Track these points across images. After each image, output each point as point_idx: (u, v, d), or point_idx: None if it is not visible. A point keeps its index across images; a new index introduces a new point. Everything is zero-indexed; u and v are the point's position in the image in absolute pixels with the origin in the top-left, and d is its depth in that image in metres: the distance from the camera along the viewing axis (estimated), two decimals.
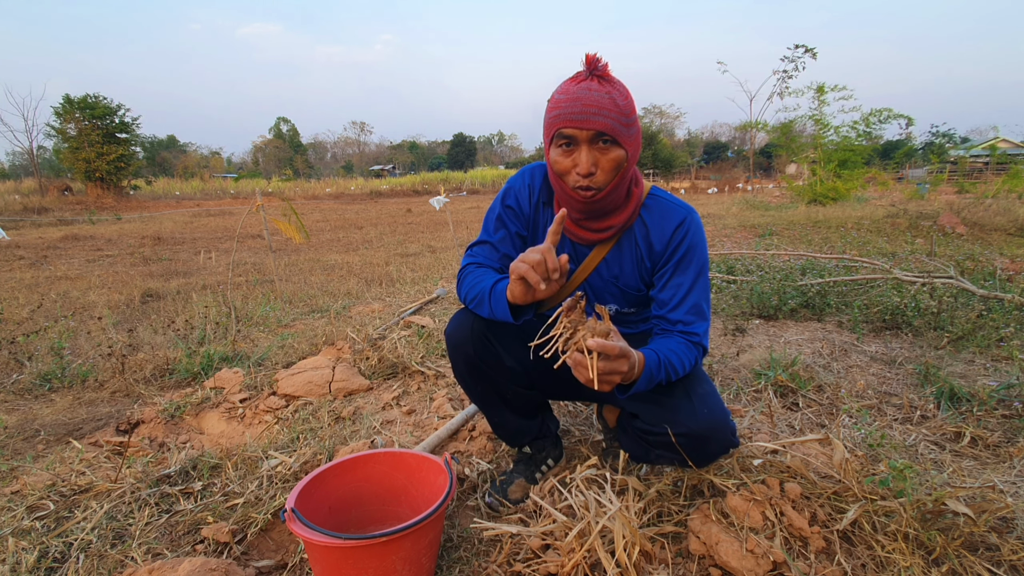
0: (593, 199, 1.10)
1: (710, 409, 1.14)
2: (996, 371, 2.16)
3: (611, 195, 1.11)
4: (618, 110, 1.04)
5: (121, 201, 22.14)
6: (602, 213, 1.17)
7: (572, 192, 1.10)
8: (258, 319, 3.48)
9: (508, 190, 1.30)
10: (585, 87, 1.04)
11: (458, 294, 1.22)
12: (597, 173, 1.07)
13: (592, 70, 1.06)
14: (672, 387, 1.18)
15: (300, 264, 6.32)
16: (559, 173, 1.11)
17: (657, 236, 1.20)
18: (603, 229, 1.19)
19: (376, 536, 0.95)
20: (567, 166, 1.08)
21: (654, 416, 1.20)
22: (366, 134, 76.13)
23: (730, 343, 2.63)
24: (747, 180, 29.15)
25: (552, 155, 1.11)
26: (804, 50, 18.48)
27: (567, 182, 1.10)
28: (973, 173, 23.72)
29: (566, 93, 1.05)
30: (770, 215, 9.89)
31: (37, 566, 1.17)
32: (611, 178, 1.08)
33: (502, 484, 1.42)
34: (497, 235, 1.28)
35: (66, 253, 7.79)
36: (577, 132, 1.04)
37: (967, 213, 7.35)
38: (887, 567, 1.07)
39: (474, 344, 1.22)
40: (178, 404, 2.11)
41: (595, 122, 1.02)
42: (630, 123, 1.07)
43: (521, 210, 1.28)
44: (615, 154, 1.06)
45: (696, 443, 1.15)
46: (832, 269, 3.94)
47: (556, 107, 1.06)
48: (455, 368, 1.29)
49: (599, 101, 1.02)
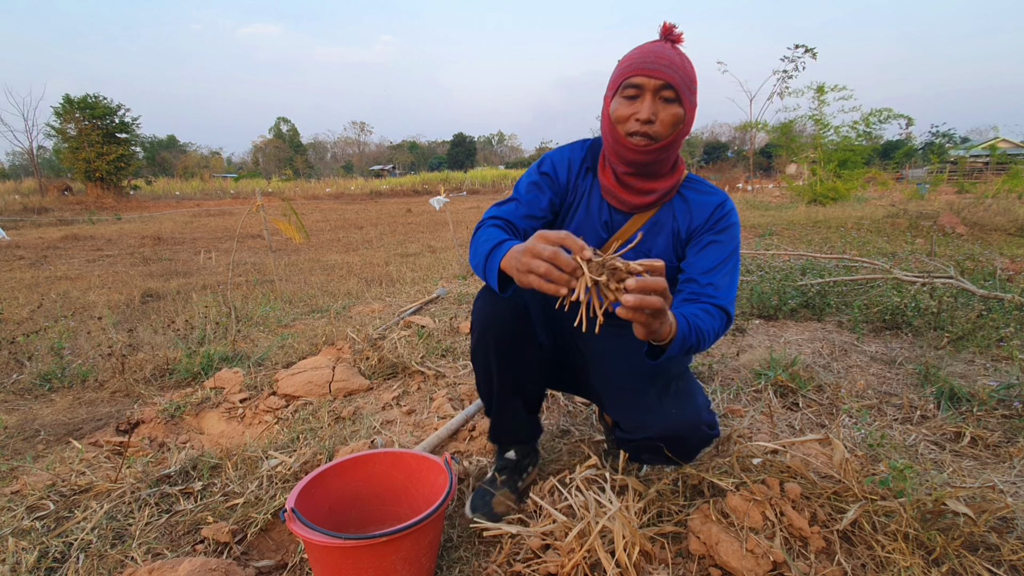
0: (647, 149, 1.09)
1: (680, 407, 1.15)
2: (996, 371, 2.16)
3: (664, 152, 1.12)
4: (686, 72, 1.08)
5: (121, 201, 22.13)
6: (650, 173, 1.16)
7: (626, 140, 1.10)
8: (258, 319, 3.48)
9: (545, 159, 1.28)
10: (660, 45, 1.09)
11: (469, 254, 1.15)
12: (656, 124, 1.08)
13: (667, 36, 1.11)
14: (648, 387, 1.19)
15: (300, 264, 6.32)
16: (617, 120, 1.11)
17: (699, 210, 1.20)
18: (647, 191, 1.18)
19: (376, 536, 0.95)
20: (627, 114, 1.09)
21: (631, 421, 1.21)
22: (366, 134, 76.15)
23: (730, 343, 2.62)
24: (747, 180, 29.14)
25: (613, 106, 1.12)
26: (804, 50, 18.45)
27: (623, 129, 1.10)
28: (973, 173, 23.71)
29: (640, 49, 1.10)
30: (770, 215, 9.89)
31: (37, 566, 1.17)
32: (668, 132, 1.09)
33: (485, 497, 1.33)
34: (528, 195, 1.23)
35: (66, 253, 7.79)
36: (646, 80, 1.06)
37: (967, 213, 7.36)
38: (887, 567, 1.07)
39: (515, 318, 1.17)
40: (178, 404, 2.11)
41: (666, 73, 1.05)
42: (693, 90, 1.11)
43: (557, 178, 1.26)
44: (676, 110, 1.08)
45: (674, 443, 1.16)
46: (832, 269, 3.94)
47: (628, 59, 1.10)
48: (482, 347, 1.21)
49: (671, 57, 1.07)
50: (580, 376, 1.41)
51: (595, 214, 1.25)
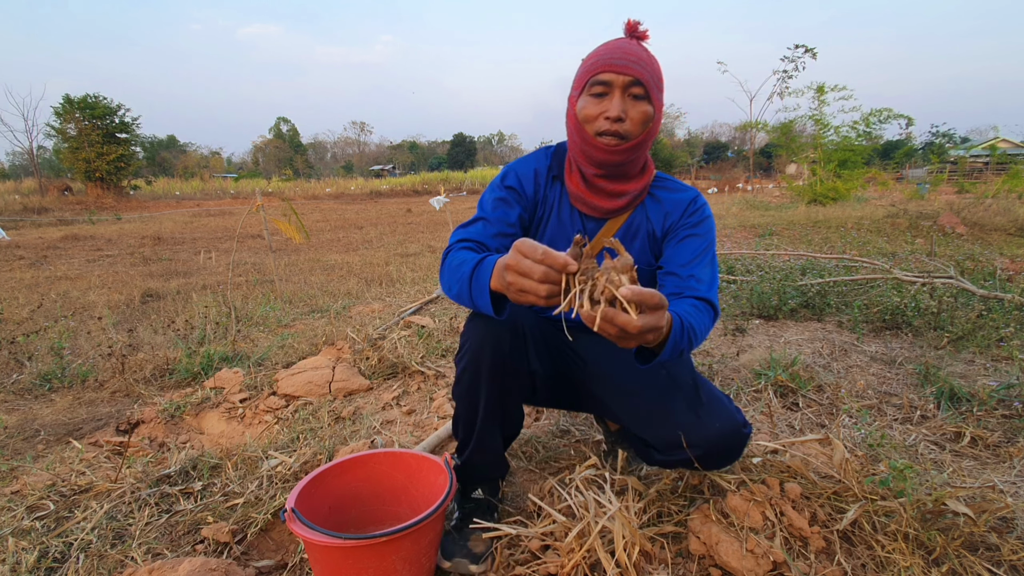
0: (618, 148, 1.06)
1: (718, 417, 1.09)
2: (996, 371, 2.16)
3: (635, 152, 1.09)
4: (654, 69, 1.06)
5: (121, 201, 22.13)
6: (621, 174, 1.13)
7: (596, 140, 1.07)
8: (258, 319, 3.48)
9: (508, 171, 1.22)
10: (626, 42, 1.07)
11: (441, 285, 1.06)
12: (627, 122, 1.05)
13: (632, 33, 1.09)
14: (675, 399, 1.12)
15: (300, 264, 6.31)
16: (584, 120, 1.07)
17: (672, 208, 1.18)
18: (619, 194, 1.15)
19: (376, 536, 0.95)
20: (595, 112, 1.06)
21: (666, 440, 1.12)
22: (366, 134, 76.16)
23: (730, 343, 2.62)
24: (747, 180, 29.15)
25: (580, 104, 1.08)
26: (804, 50, 18.47)
27: (592, 129, 1.07)
28: (973, 173, 23.72)
29: (606, 46, 1.07)
30: (770, 215, 9.89)
31: (37, 566, 1.17)
32: (639, 131, 1.06)
33: (459, 542, 1.19)
34: (496, 212, 1.16)
35: (66, 253, 7.79)
36: (615, 77, 1.03)
37: (967, 213, 7.36)
38: (887, 567, 1.07)
39: (512, 339, 1.09)
40: (178, 404, 2.11)
41: (634, 69, 1.02)
42: (661, 88, 1.08)
43: (524, 191, 1.20)
44: (646, 107, 1.05)
45: (716, 456, 1.11)
46: (832, 269, 3.94)
47: (594, 56, 1.07)
48: (472, 369, 1.11)
49: (639, 54, 1.05)
50: (585, 390, 1.31)
51: (567, 224, 1.20)
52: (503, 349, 1.09)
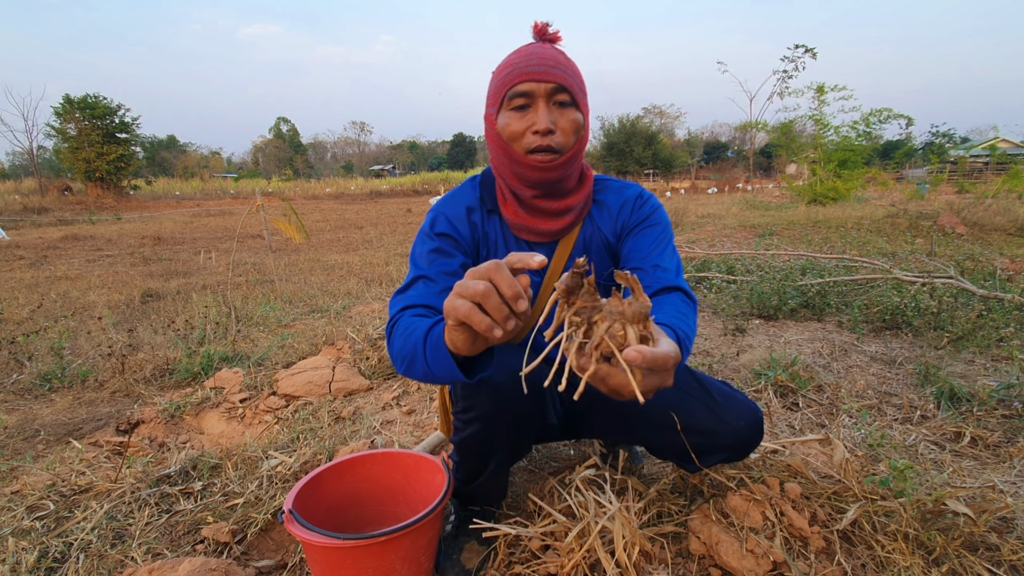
0: (552, 164, 0.96)
1: (739, 414, 1.04)
2: (996, 371, 2.16)
3: (570, 164, 0.99)
4: (576, 72, 0.98)
5: (121, 201, 22.14)
6: (560, 190, 1.03)
7: (527, 159, 0.96)
8: (258, 319, 3.48)
9: (436, 216, 1.07)
10: (538, 46, 0.98)
11: (394, 364, 0.89)
12: (558, 134, 0.95)
13: (543, 36, 1.00)
14: (691, 409, 1.05)
15: (300, 264, 6.31)
16: (510, 138, 0.96)
17: (618, 208, 1.11)
18: (563, 211, 1.05)
19: (375, 536, 0.95)
20: (521, 128, 0.95)
21: (696, 450, 1.07)
22: (366, 134, 76.17)
23: (730, 343, 2.62)
24: (747, 180, 29.16)
25: (502, 122, 0.97)
26: (804, 50, 18.50)
27: (520, 147, 0.96)
28: (973, 173, 23.74)
29: (517, 54, 0.97)
30: (770, 215, 9.89)
31: (37, 566, 1.17)
32: (572, 142, 0.97)
33: (452, 556, 1.15)
34: (434, 267, 1.00)
35: (66, 253, 7.79)
36: (535, 86, 0.93)
37: (967, 213, 7.35)
38: (887, 567, 1.07)
39: (529, 403, 0.96)
40: (178, 404, 2.11)
41: (554, 75, 0.93)
42: (585, 92, 1.00)
43: (460, 235, 1.05)
44: (575, 115, 0.97)
45: (749, 448, 1.07)
46: (832, 269, 3.94)
47: (507, 66, 0.96)
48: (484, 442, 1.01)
49: (556, 57, 0.96)
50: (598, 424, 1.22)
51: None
52: (520, 414, 0.97)
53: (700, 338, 2.75)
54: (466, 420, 0.99)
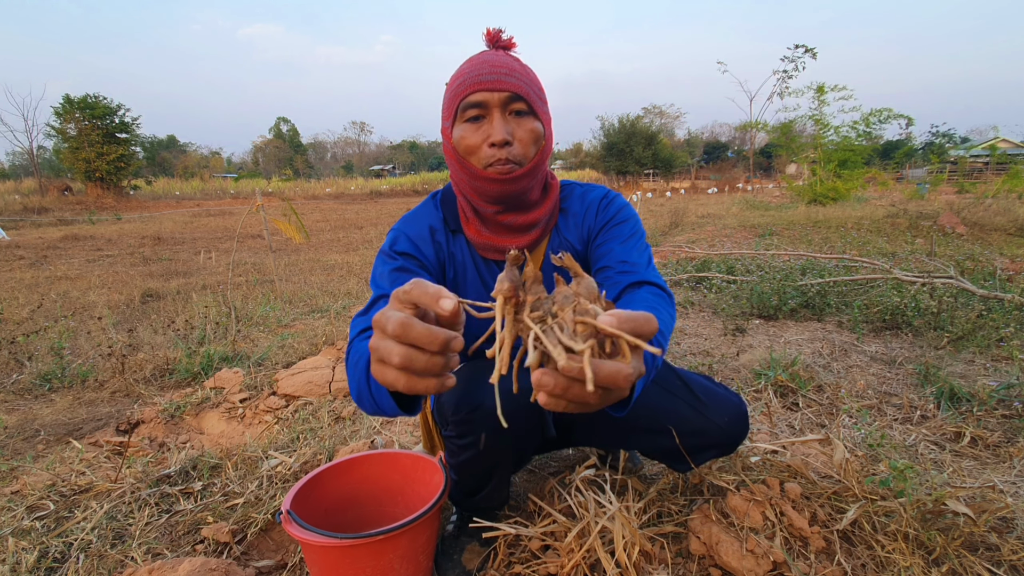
0: (512, 177, 0.91)
1: (723, 411, 1.05)
2: (996, 371, 2.16)
3: (531, 176, 0.94)
4: (532, 79, 0.93)
5: (121, 201, 22.16)
6: (523, 203, 0.98)
7: (485, 173, 0.91)
8: (258, 319, 3.48)
9: (397, 235, 1.02)
10: (491, 54, 0.93)
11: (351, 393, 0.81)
12: (515, 145, 0.90)
13: (496, 44, 0.96)
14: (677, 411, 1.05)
15: (300, 264, 6.31)
16: (466, 152, 0.92)
17: (584, 213, 1.06)
18: (528, 226, 1.00)
19: (373, 534, 0.95)
20: (477, 141, 0.90)
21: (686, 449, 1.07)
22: (366, 134, 76.18)
23: (730, 343, 2.62)
24: (747, 180, 29.17)
25: (457, 135, 0.92)
26: (804, 50, 18.51)
27: (478, 161, 0.91)
28: (973, 173, 23.75)
29: (470, 63, 0.93)
30: (770, 215, 9.89)
31: (37, 566, 1.17)
32: (531, 152, 0.92)
33: (453, 557, 1.15)
34: (396, 285, 0.88)
35: (66, 253, 7.79)
36: (488, 95, 0.88)
37: (967, 213, 7.35)
38: (887, 567, 1.07)
39: (526, 418, 0.95)
40: (178, 404, 2.11)
41: (508, 83, 0.88)
42: (544, 100, 0.96)
43: (423, 254, 1.00)
44: (533, 125, 0.92)
45: (736, 443, 1.08)
46: (832, 269, 3.94)
47: (459, 76, 0.92)
48: (485, 462, 0.98)
49: (511, 64, 0.91)
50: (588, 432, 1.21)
51: (490, 283, 1.03)
52: (519, 436, 0.96)
53: (700, 338, 2.75)
54: (462, 445, 0.96)
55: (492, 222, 0.99)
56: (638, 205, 10.58)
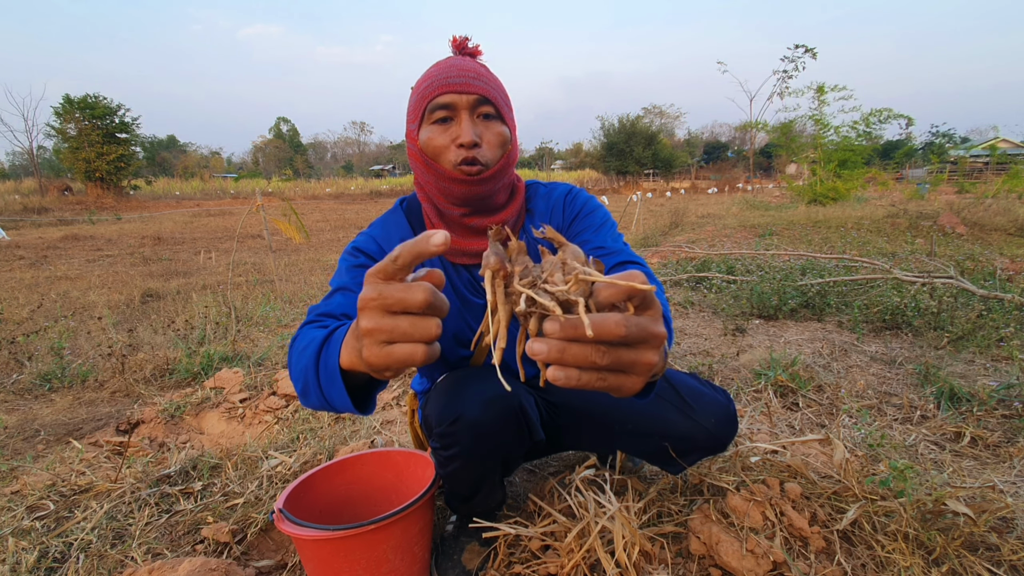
0: (480, 178, 0.91)
1: (710, 413, 1.05)
2: (996, 371, 2.16)
3: (497, 179, 0.94)
4: (498, 85, 0.95)
5: (121, 201, 22.16)
6: (490, 206, 0.99)
7: (453, 173, 0.90)
8: (258, 319, 3.48)
9: (364, 239, 1.01)
10: (458, 59, 0.94)
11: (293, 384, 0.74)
12: (483, 147, 0.91)
13: (462, 51, 0.97)
14: (666, 416, 1.04)
15: (300, 264, 6.31)
16: (434, 154, 0.91)
17: (548, 212, 1.07)
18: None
19: (365, 524, 0.95)
20: (445, 142, 0.90)
21: (676, 452, 1.07)
22: (366, 134, 76.19)
23: (730, 343, 2.62)
24: (747, 180, 29.18)
25: (424, 136, 0.92)
26: (804, 50, 18.52)
27: (445, 162, 0.91)
28: (973, 173, 23.74)
29: (437, 66, 0.94)
30: (770, 215, 9.89)
31: (37, 566, 1.17)
32: (498, 156, 0.93)
33: (452, 556, 1.14)
34: (356, 280, 0.92)
35: (66, 253, 7.79)
36: (456, 98, 0.89)
37: (967, 213, 7.35)
38: (887, 567, 1.07)
39: (515, 424, 0.92)
40: (178, 404, 2.11)
41: (477, 86, 0.90)
42: (511, 107, 0.97)
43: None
44: (500, 129, 0.93)
45: (724, 444, 1.08)
46: (832, 269, 3.94)
47: (427, 79, 0.92)
48: (471, 460, 0.95)
49: (478, 69, 0.93)
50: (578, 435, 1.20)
51: (461, 287, 1.03)
52: (504, 443, 0.92)
53: (700, 338, 2.75)
54: (448, 456, 0.95)
55: (459, 225, 0.99)
56: (638, 205, 10.59)
